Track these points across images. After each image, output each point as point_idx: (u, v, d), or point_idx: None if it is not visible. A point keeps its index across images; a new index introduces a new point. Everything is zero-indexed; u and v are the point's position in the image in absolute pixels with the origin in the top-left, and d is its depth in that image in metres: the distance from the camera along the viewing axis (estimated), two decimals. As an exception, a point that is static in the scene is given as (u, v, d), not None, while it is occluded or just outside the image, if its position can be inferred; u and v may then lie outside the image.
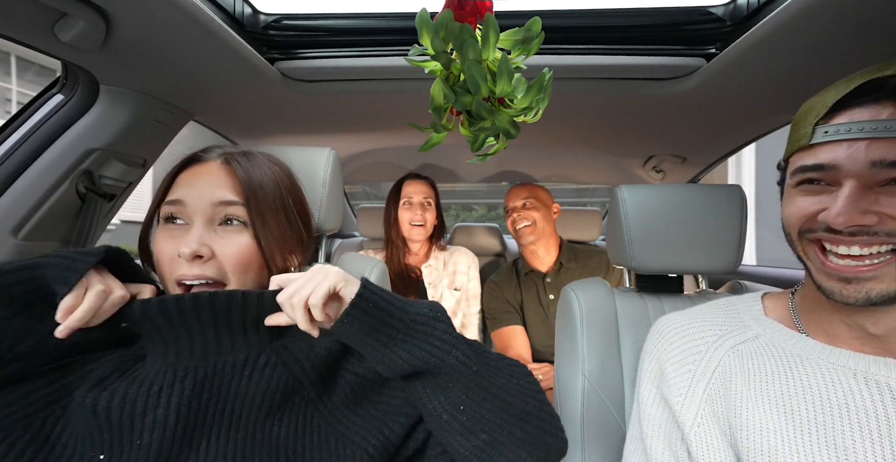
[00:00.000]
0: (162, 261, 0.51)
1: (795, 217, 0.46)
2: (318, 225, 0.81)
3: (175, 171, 0.55)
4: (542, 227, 1.44)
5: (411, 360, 0.46)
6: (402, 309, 0.48)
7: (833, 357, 0.46)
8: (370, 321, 0.46)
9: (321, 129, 1.26)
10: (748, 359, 0.51)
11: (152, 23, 0.63)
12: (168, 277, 0.51)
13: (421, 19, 0.41)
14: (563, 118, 1.15)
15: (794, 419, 0.45)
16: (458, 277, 1.48)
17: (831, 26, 0.61)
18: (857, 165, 0.41)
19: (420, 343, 0.46)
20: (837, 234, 0.42)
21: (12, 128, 0.79)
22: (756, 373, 0.49)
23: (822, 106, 0.44)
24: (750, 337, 0.53)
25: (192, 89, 0.88)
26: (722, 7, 0.77)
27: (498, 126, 0.43)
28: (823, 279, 0.44)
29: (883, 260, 0.41)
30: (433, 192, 1.49)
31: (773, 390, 0.48)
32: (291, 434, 0.47)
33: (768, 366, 0.49)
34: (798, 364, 0.48)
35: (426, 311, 0.49)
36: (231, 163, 0.55)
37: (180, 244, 0.50)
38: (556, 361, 0.81)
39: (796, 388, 0.47)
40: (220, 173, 0.54)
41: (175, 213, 0.52)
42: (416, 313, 0.48)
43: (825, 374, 0.46)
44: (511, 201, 1.51)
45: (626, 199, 0.80)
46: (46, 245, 0.82)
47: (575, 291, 0.80)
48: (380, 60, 0.86)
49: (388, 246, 1.51)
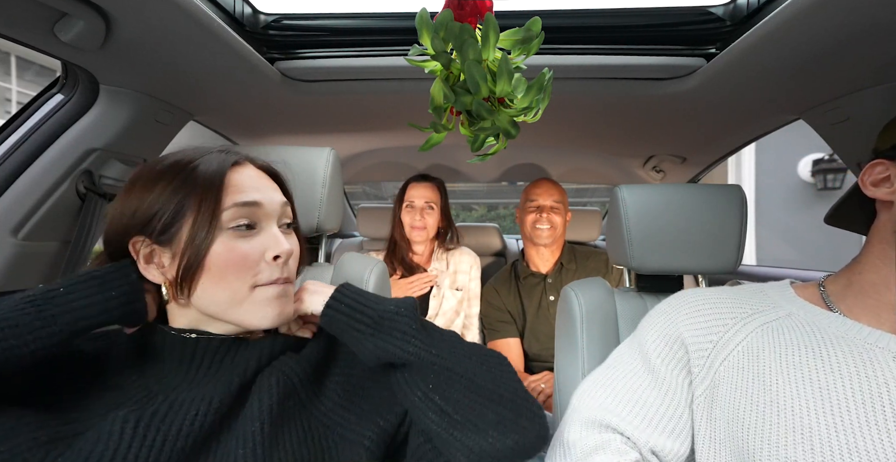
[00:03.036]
0: (239, 268, 0.48)
1: None
2: (318, 225, 0.81)
3: (223, 173, 0.50)
4: (559, 233, 1.44)
5: (376, 350, 0.51)
6: (370, 307, 0.54)
7: (872, 338, 0.47)
8: (344, 319, 0.54)
9: (321, 129, 1.26)
10: (779, 334, 0.51)
11: (152, 23, 0.63)
12: (245, 285, 0.49)
13: (421, 19, 0.41)
14: (563, 118, 1.15)
15: (829, 396, 0.45)
16: (460, 277, 1.48)
17: (831, 26, 0.61)
18: None
19: (384, 336, 0.52)
20: None
21: (12, 128, 0.79)
22: (788, 347, 0.49)
23: None
24: (782, 315, 0.53)
25: (192, 89, 0.88)
26: (722, 7, 0.77)
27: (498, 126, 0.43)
28: None
29: None
30: (438, 196, 1.49)
31: (806, 365, 0.47)
32: (296, 440, 0.47)
33: (802, 342, 0.49)
34: (834, 342, 0.48)
35: (392, 308, 0.54)
36: (257, 164, 0.55)
37: (267, 247, 0.50)
38: (556, 361, 0.81)
39: (832, 366, 0.46)
40: (262, 174, 0.54)
41: (249, 216, 0.49)
42: (383, 310, 0.53)
43: (863, 353, 0.46)
44: (541, 198, 1.46)
45: (626, 199, 0.80)
46: (46, 245, 0.82)
47: (575, 291, 0.80)
48: (380, 60, 0.86)
49: (391, 245, 1.51)
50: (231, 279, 0.48)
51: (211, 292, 0.48)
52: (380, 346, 0.51)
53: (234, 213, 0.48)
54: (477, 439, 0.47)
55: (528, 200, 1.49)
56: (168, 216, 0.47)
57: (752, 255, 4.05)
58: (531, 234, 1.45)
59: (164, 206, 0.47)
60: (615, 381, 0.58)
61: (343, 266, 0.82)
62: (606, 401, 0.56)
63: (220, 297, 0.48)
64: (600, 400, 0.56)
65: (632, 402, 0.55)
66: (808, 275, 1.21)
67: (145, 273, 0.49)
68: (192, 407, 0.44)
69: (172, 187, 0.48)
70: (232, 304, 0.49)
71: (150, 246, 0.48)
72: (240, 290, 0.48)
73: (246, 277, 0.48)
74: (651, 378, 0.56)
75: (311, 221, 0.80)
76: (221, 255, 0.47)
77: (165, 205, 0.47)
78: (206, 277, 0.47)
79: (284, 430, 0.47)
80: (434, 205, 1.47)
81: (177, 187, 0.48)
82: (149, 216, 0.47)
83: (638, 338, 0.61)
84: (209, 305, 0.49)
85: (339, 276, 0.81)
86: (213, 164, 0.49)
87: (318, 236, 0.87)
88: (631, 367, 0.58)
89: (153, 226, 0.47)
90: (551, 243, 1.45)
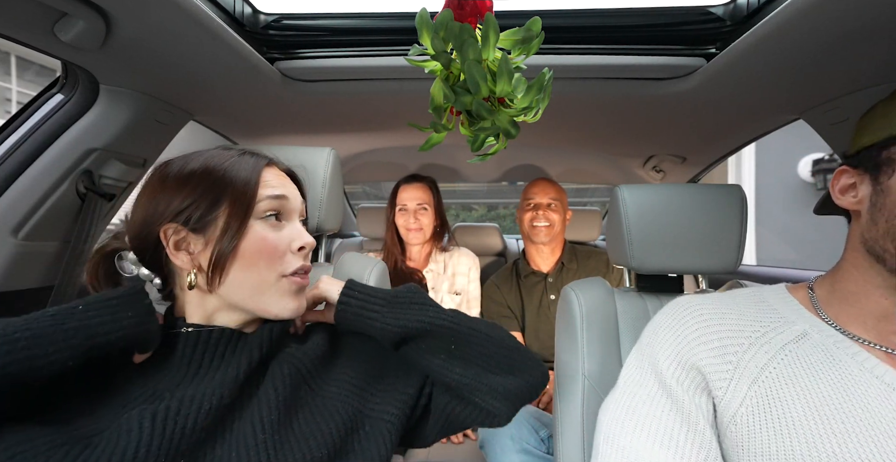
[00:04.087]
0: (270, 255, 0.52)
1: None
2: (318, 225, 0.81)
3: (257, 170, 0.55)
4: (557, 231, 1.45)
5: (397, 323, 0.57)
6: (381, 292, 0.60)
7: (889, 378, 0.46)
8: (359, 304, 0.59)
9: (321, 129, 1.26)
10: (802, 360, 0.50)
11: (152, 23, 0.63)
12: (273, 273, 0.53)
13: (421, 19, 0.41)
14: (563, 118, 1.15)
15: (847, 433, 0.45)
16: (459, 279, 1.47)
17: (831, 26, 0.61)
18: None
19: (402, 310, 0.58)
20: None
21: (12, 128, 0.79)
22: (812, 380, 0.48)
23: None
24: (798, 335, 0.52)
25: (192, 89, 0.88)
26: (722, 7, 0.77)
27: (498, 126, 0.43)
28: None
29: None
30: (430, 196, 1.47)
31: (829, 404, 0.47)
32: (312, 422, 0.49)
33: (822, 372, 0.48)
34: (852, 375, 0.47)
35: (402, 290, 0.61)
36: (280, 166, 0.60)
37: (293, 238, 0.54)
38: (556, 361, 0.81)
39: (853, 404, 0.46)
40: (283, 175, 0.59)
41: (279, 208, 0.54)
42: (394, 292, 0.60)
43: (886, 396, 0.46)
44: (538, 197, 1.47)
45: (626, 199, 0.80)
46: (46, 245, 0.82)
47: (575, 291, 0.80)
48: (380, 60, 0.86)
49: (384, 250, 1.51)
50: (261, 266, 0.52)
51: (240, 278, 0.51)
52: (400, 319, 0.57)
53: (267, 205, 0.53)
54: (499, 380, 0.57)
55: (525, 199, 1.50)
56: (206, 205, 0.51)
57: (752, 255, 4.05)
58: (529, 232, 1.46)
59: (201, 197, 0.51)
60: (639, 416, 0.54)
61: (343, 266, 0.82)
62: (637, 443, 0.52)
63: (248, 283, 0.52)
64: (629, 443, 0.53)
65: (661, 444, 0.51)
66: (807, 275, 1.21)
67: (173, 258, 0.52)
68: (202, 402, 0.45)
69: (211, 181, 0.52)
70: (258, 292, 0.52)
71: (182, 233, 0.51)
72: (268, 278, 0.52)
73: (274, 265, 0.53)
74: (671, 405, 0.53)
75: (311, 221, 0.80)
76: (254, 243, 0.51)
77: (203, 196, 0.51)
78: (237, 264, 0.51)
79: (299, 416, 0.50)
80: (427, 205, 1.45)
81: (215, 180, 0.52)
82: (184, 206, 0.51)
83: (648, 358, 0.58)
84: (235, 292, 0.52)
85: (339, 276, 0.80)
86: (248, 163, 0.55)
87: (318, 236, 0.87)
88: (648, 392, 0.55)
89: (189, 215, 0.50)
90: (550, 241, 1.45)
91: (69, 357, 0.42)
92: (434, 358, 0.57)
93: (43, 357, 0.40)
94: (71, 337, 0.42)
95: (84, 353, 0.43)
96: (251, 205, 0.52)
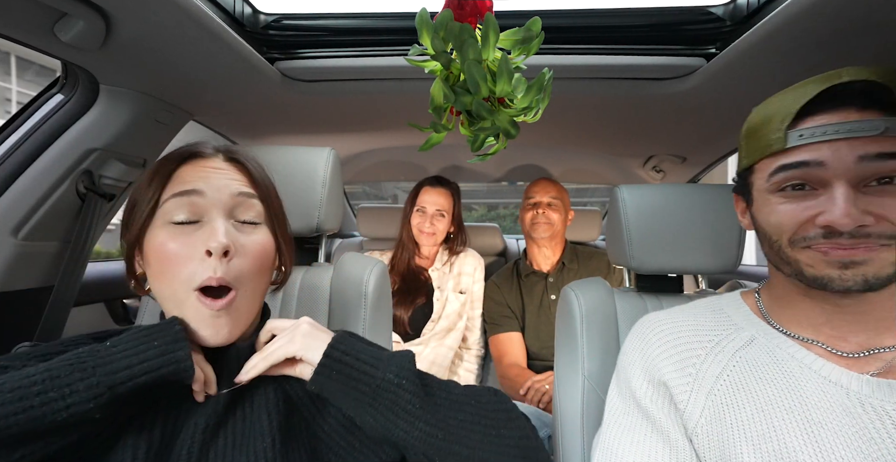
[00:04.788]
0: (174, 265, 0.45)
1: (788, 224, 0.46)
2: (318, 225, 0.81)
3: (174, 164, 0.49)
4: (558, 229, 1.45)
5: (378, 427, 0.46)
6: (367, 373, 0.47)
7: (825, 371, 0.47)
8: (337, 386, 0.47)
9: (321, 129, 1.26)
10: (752, 368, 0.51)
11: (152, 23, 0.63)
12: (182, 286, 0.45)
13: (421, 19, 0.41)
14: (563, 118, 1.15)
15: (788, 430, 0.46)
16: (464, 279, 1.48)
17: (831, 26, 0.61)
18: (843, 162, 0.42)
19: (385, 412, 0.46)
20: (836, 239, 0.43)
21: (12, 128, 0.79)
22: (759, 384, 0.49)
23: (787, 112, 0.46)
24: (746, 341, 0.53)
25: (192, 89, 0.88)
26: (722, 7, 0.77)
27: (498, 126, 0.43)
28: (821, 268, 0.45)
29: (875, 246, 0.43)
30: (451, 203, 1.47)
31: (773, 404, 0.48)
32: (305, 457, 0.47)
33: (770, 377, 0.49)
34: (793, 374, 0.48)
35: (391, 376, 0.47)
36: (236, 157, 0.53)
37: (203, 241, 0.45)
38: (556, 361, 0.81)
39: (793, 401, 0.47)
40: (228, 167, 0.51)
41: (188, 207, 0.46)
42: (382, 378, 0.46)
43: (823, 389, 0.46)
44: (539, 195, 1.47)
45: (625, 199, 0.80)
46: (46, 245, 0.82)
47: (575, 291, 0.80)
48: (380, 60, 0.86)
49: (398, 246, 1.51)
50: (169, 276, 0.46)
51: (158, 289, 0.48)
52: (381, 424, 0.46)
53: (172, 205, 0.46)
54: None
55: (527, 198, 1.52)
56: (128, 211, 0.49)
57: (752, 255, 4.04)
58: (530, 230, 1.46)
59: (130, 204, 0.49)
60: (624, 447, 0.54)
61: (343, 266, 0.82)
62: None
63: (164, 294, 0.47)
64: None
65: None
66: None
67: (137, 266, 0.51)
68: (188, 429, 0.44)
69: (139, 182, 0.50)
70: (176, 306, 0.46)
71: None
72: (179, 291, 0.46)
73: (181, 275, 0.45)
74: (650, 428, 0.54)
75: (311, 221, 0.80)
76: (155, 248, 0.46)
77: (130, 201, 0.50)
78: (150, 273, 0.48)
79: (292, 448, 0.47)
80: (446, 212, 1.45)
81: (141, 182, 0.50)
82: (126, 210, 0.50)
83: (624, 382, 0.58)
84: (162, 303, 0.48)
85: (339, 277, 0.81)
86: (167, 158, 0.50)
87: (318, 236, 0.87)
88: (630, 419, 0.56)
89: (124, 219, 0.50)
90: (550, 238, 1.45)
91: (89, 399, 0.38)
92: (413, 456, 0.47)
93: (59, 400, 0.37)
94: (90, 375, 0.39)
95: (106, 392, 0.39)
96: (152, 205, 0.47)
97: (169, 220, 0.46)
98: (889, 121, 0.41)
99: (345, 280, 0.80)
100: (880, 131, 0.41)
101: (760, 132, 0.49)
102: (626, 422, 0.56)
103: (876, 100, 0.43)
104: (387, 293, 0.86)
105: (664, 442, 0.52)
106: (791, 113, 0.45)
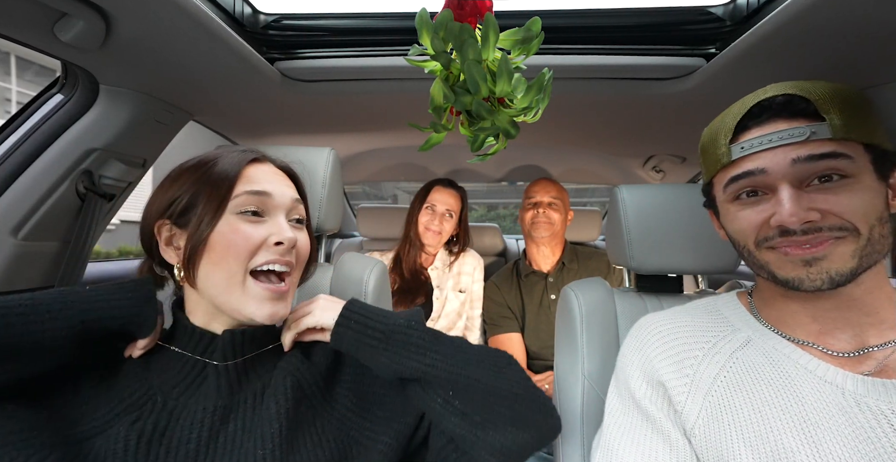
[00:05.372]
0: (239, 248, 0.50)
1: (749, 228, 0.50)
2: (318, 225, 0.81)
3: (239, 165, 0.54)
4: (558, 229, 1.45)
5: (393, 365, 0.53)
6: (380, 321, 0.55)
7: (821, 371, 0.48)
8: (354, 336, 0.55)
9: (321, 129, 1.26)
10: (749, 370, 0.51)
11: (152, 23, 0.63)
12: (241, 265, 0.50)
13: (421, 19, 0.41)
14: (563, 118, 1.15)
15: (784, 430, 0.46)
16: (464, 279, 1.48)
17: (831, 26, 0.61)
18: (781, 167, 0.47)
19: (399, 350, 0.53)
20: (791, 237, 0.46)
21: (12, 128, 0.79)
22: (756, 385, 0.50)
23: (727, 128, 0.51)
24: (743, 342, 0.54)
25: (192, 89, 0.88)
26: (722, 7, 0.77)
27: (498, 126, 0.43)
28: (789, 270, 0.47)
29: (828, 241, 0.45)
30: (459, 205, 1.49)
31: (770, 404, 0.48)
32: (311, 443, 0.49)
33: (766, 378, 0.50)
34: (789, 374, 0.49)
35: (402, 321, 0.56)
36: (285, 167, 0.60)
37: (274, 233, 0.52)
38: (556, 361, 0.81)
39: (789, 401, 0.47)
40: (281, 173, 0.58)
41: (258, 204, 0.53)
42: (393, 324, 0.55)
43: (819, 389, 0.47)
44: (539, 195, 1.48)
45: (625, 199, 0.80)
46: (46, 245, 0.82)
47: (575, 291, 0.80)
48: (380, 60, 0.86)
49: (404, 244, 1.51)
50: (229, 260, 0.50)
51: (210, 273, 0.51)
52: (395, 361, 0.53)
53: (244, 200, 0.52)
54: (498, 436, 0.51)
55: (527, 198, 1.52)
56: (187, 199, 0.51)
57: (752, 255, 4.04)
58: (530, 230, 1.46)
59: (185, 192, 0.52)
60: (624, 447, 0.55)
61: (343, 266, 0.82)
62: None
63: (217, 278, 0.50)
64: None
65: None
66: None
67: (164, 255, 0.53)
68: (192, 415, 0.47)
69: (195, 177, 0.52)
70: (227, 290, 0.51)
71: (171, 229, 0.53)
72: (236, 273, 0.50)
73: (242, 259, 0.50)
74: (650, 428, 0.54)
75: (311, 221, 0.80)
76: (225, 234, 0.50)
77: (187, 190, 0.52)
78: (206, 257, 0.50)
79: (301, 433, 0.49)
80: (454, 213, 1.47)
81: (199, 177, 0.52)
82: (171, 201, 0.52)
83: (623, 383, 0.59)
84: (209, 288, 0.51)
85: (339, 276, 0.81)
86: (233, 159, 0.54)
87: (318, 236, 0.87)
88: (629, 420, 0.57)
89: (173, 209, 0.52)
90: (550, 238, 1.45)
91: (64, 327, 0.44)
92: (431, 401, 0.54)
93: (37, 323, 0.43)
94: (68, 308, 0.45)
95: (78, 325, 0.45)
96: (226, 198, 0.51)
97: (240, 211, 0.52)
98: (813, 127, 0.46)
99: (345, 280, 0.80)
100: (806, 137, 0.46)
101: (710, 149, 0.54)
102: (625, 422, 0.57)
103: (800, 110, 0.47)
104: (386, 293, 0.86)
105: (664, 442, 0.53)
106: (731, 129, 0.51)
